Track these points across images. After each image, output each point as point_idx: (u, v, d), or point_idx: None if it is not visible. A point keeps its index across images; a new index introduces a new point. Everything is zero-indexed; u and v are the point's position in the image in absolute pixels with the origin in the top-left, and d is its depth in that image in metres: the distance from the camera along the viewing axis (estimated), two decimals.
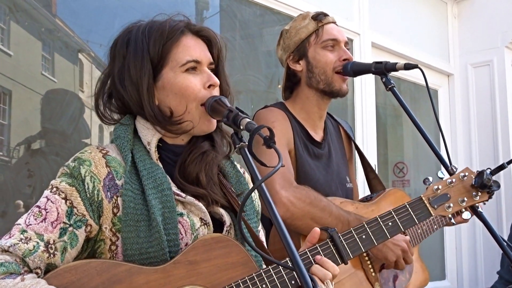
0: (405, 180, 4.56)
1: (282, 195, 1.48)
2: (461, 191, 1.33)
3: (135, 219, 1.08)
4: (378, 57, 3.66)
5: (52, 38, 2.32)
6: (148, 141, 1.17)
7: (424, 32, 4.26)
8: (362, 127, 3.52)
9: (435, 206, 1.32)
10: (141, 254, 1.07)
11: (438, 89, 4.46)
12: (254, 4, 3.01)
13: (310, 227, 1.49)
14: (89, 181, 1.09)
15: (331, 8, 3.38)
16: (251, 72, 2.99)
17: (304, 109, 1.77)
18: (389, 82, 1.71)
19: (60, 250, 1.06)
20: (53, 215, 1.06)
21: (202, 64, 1.20)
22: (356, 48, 3.56)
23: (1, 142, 2.12)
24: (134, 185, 1.11)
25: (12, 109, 2.14)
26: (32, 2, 2.26)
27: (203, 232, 1.14)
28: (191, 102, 1.17)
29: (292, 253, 0.90)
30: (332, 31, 1.76)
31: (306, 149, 1.73)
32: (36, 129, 2.17)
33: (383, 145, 4.28)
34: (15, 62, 2.17)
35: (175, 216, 1.11)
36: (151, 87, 1.17)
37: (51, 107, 2.20)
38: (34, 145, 2.15)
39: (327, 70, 1.72)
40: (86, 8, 2.43)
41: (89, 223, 1.09)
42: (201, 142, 1.22)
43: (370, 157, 3.53)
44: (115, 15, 2.54)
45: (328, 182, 1.73)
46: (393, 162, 4.57)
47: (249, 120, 1.01)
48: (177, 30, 1.19)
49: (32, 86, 2.20)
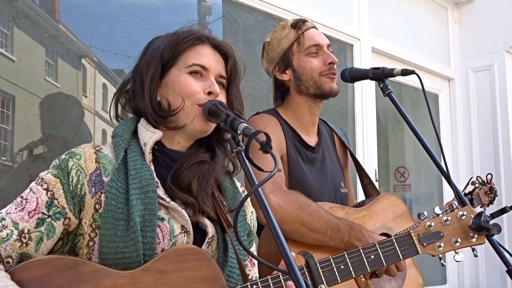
0: (406, 185, 4.56)
1: (271, 199, 1.48)
2: (456, 231, 1.24)
3: (114, 217, 1.08)
4: (379, 62, 3.68)
5: (55, 43, 2.34)
6: (145, 142, 1.18)
7: (424, 36, 4.28)
8: (363, 132, 3.53)
9: (424, 243, 1.25)
10: (116, 253, 1.06)
11: (439, 94, 4.48)
12: (255, 10, 3.04)
13: (298, 231, 1.52)
14: (74, 174, 1.09)
15: (331, 14, 3.41)
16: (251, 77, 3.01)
17: (296, 116, 1.78)
18: (386, 88, 1.72)
19: (35, 240, 1.05)
20: (32, 205, 1.07)
21: (209, 72, 1.22)
22: (357, 53, 3.58)
23: (4, 147, 2.14)
24: (119, 183, 1.11)
25: (15, 114, 2.15)
26: (36, 8, 2.28)
27: (181, 239, 1.13)
28: (187, 100, 1.18)
29: (287, 257, 0.91)
30: (313, 37, 1.76)
31: (299, 154, 1.73)
32: (39, 135, 2.18)
33: (384, 149, 4.29)
34: (19, 67, 2.18)
35: (154, 220, 1.10)
36: (155, 81, 1.19)
37: (52, 113, 2.21)
38: (36, 150, 2.17)
39: (314, 75, 1.72)
40: (88, 14, 2.45)
41: (68, 216, 1.08)
42: (202, 152, 1.23)
43: (370, 162, 3.54)
44: (117, 21, 2.56)
45: (322, 187, 1.73)
46: (394, 166, 4.58)
47: (246, 125, 1.01)
48: (194, 36, 1.22)
49: (35, 91, 2.21)
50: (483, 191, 2.11)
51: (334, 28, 3.41)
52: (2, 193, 2.03)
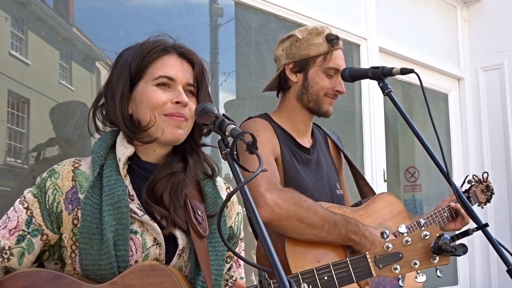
0: (416, 185, 4.55)
1: (267, 197, 1.50)
2: (418, 251, 1.19)
3: (90, 232, 1.15)
4: (386, 62, 3.69)
5: (69, 47, 2.39)
6: (119, 157, 1.22)
7: (433, 36, 4.27)
8: (370, 132, 3.53)
9: (380, 265, 1.20)
10: (93, 265, 1.14)
11: (448, 93, 4.47)
12: (263, 12, 3.05)
13: (296, 227, 1.53)
14: (50, 194, 1.17)
15: (338, 14, 3.43)
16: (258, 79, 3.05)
17: (290, 119, 1.80)
18: (386, 87, 1.74)
19: (18, 255, 1.15)
20: (13, 223, 1.16)
21: (176, 82, 1.24)
22: (363, 53, 3.58)
23: (19, 150, 2.19)
24: (94, 200, 1.17)
25: (30, 117, 2.20)
26: (49, 12, 2.33)
27: (154, 252, 1.18)
28: (153, 112, 1.21)
29: (272, 256, 0.92)
30: (338, 60, 1.79)
31: (294, 156, 1.75)
32: (67, 139, 2.21)
33: (393, 149, 4.29)
34: (33, 71, 2.23)
35: (127, 234, 1.16)
36: (125, 96, 1.23)
37: (57, 115, 2.24)
38: (44, 153, 2.20)
39: (320, 93, 1.76)
40: (102, 17, 2.49)
41: (45, 232, 1.17)
42: (176, 163, 1.26)
43: (379, 162, 3.55)
44: (131, 24, 2.59)
45: (318, 188, 1.75)
46: (404, 166, 4.57)
47: (234, 126, 1.04)
48: (159, 47, 1.25)
49: (49, 94, 2.25)
50: (480, 189, 2.13)
51: (340, 28, 3.43)
52: (12, 194, 2.08)
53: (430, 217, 1.94)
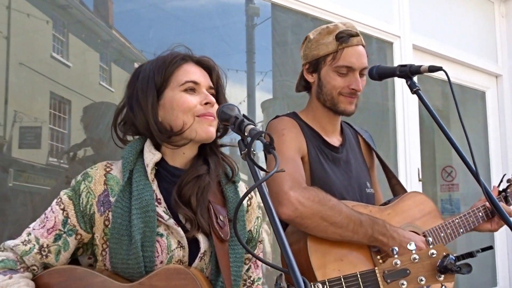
0: (453, 184, 4.47)
1: (291, 195, 1.50)
2: (425, 268, 1.24)
3: (120, 233, 1.23)
4: (420, 60, 3.64)
5: (108, 49, 2.47)
6: (147, 163, 1.30)
7: (469, 32, 4.18)
8: (404, 130, 3.49)
9: (388, 280, 1.25)
10: (122, 263, 1.22)
11: (486, 91, 4.36)
12: (297, 12, 3.07)
13: (320, 226, 1.52)
14: (84, 197, 1.26)
15: (371, 12, 3.41)
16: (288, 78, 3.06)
17: (316, 119, 1.80)
18: (414, 85, 1.71)
19: (55, 253, 1.25)
20: (50, 223, 1.26)
21: (200, 86, 1.33)
22: (397, 51, 3.55)
23: (61, 150, 2.28)
24: (124, 203, 1.25)
25: (71, 118, 2.29)
26: (90, 15, 2.42)
27: (178, 254, 1.26)
28: (186, 114, 1.29)
29: (287, 255, 0.96)
30: (350, 58, 1.72)
31: (322, 154, 1.73)
32: (92, 137, 2.29)
33: (429, 148, 4.22)
34: (74, 73, 2.32)
35: (154, 236, 1.24)
36: (155, 106, 1.31)
37: (89, 116, 2.31)
38: (80, 152, 2.28)
39: (333, 93, 1.73)
40: (140, 19, 2.56)
41: (79, 232, 1.26)
42: (200, 165, 1.33)
43: (413, 161, 3.50)
44: (168, 26, 2.65)
45: (345, 186, 1.73)
46: (441, 166, 4.49)
47: (252, 126, 1.07)
48: (178, 57, 1.34)
49: (90, 95, 2.33)
50: None
51: (373, 26, 3.41)
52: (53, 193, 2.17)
53: (464, 216, 1.88)
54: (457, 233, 1.83)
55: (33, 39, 2.24)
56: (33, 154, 2.20)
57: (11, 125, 2.11)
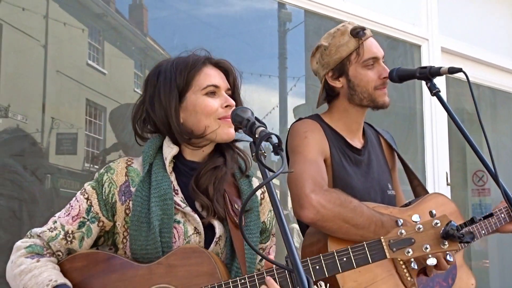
0: (484, 189, 4.38)
1: (312, 198, 1.52)
2: (430, 237, 1.29)
3: (139, 221, 1.32)
4: (449, 62, 3.59)
5: (143, 56, 2.54)
6: (166, 156, 1.39)
7: (499, 33, 4.10)
8: (432, 134, 3.45)
9: (393, 249, 1.31)
10: (141, 249, 1.30)
11: None
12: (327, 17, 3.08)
13: (341, 228, 1.54)
14: (106, 187, 1.36)
15: (399, 15, 3.40)
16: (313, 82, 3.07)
17: (341, 120, 1.80)
18: (434, 87, 1.72)
19: (79, 239, 1.33)
20: (75, 211, 1.35)
21: (220, 89, 1.40)
22: (425, 53, 3.51)
23: (97, 155, 2.36)
24: (143, 193, 1.34)
25: (106, 125, 2.37)
26: (124, 23, 2.49)
27: (194, 239, 1.34)
28: (208, 118, 1.37)
29: (292, 254, 1.01)
30: (372, 49, 1.76)
31: (344, 156, 1.75)
32: (124, 143, 2.37)
33: (459, 152, 4.15)
34: (109, 80, 2.40)
35: (171, 223, 1.32)
36: (178, 108, 1.38)
37: (115, 121, 2.39)
38: (109, 157, 2.35)
39: (369, 88, 1.74)
40: (175, 26, 2.61)
41: (102, 219, 1.35)
42: (217, 158, 1.42)
43: (441, 165, 3.46)
44: (201, 32, 2.70)
45: (367, 188, 1.74)
46: (472, 170, 4.41)
47: (263, 128, 1.12)
48: (199, 61, 1.41)
49: (125, 102, 2.40)
50: None
51: (400, 29, 3.39)
52: None
53: (485, 218, 1.88)
54: (479, 235, 1.82)
55: (70, 47, 2.33)
56: (69, 160, 2.28)
57: (48, 131, 2.21)
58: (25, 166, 2.15)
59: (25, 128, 2.17)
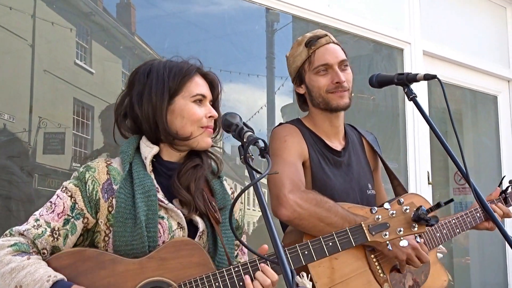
0: (466, 187, 4.47)
1: (290, 198, 1.61)
2: (401, 222, 1.45)
3: (124, 217, 1.34)
4: (431, 66, 3.68)
5: (130, 55, 2.55)
6: (145, 156, 1.44)
7: (480, 37, 4.20)
8: (414, 134, 3.52)
9: (373, 232, 1.45)
10: (126, 245, 1.32)
11: (497, 95, 4.37)
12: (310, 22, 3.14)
13: (317, 226, 1.62)
14: (90, 184, 1.38)
15: (381, 20, 3.47)
16: None
17: (317, 124, 1.89)
18: (410, 93, 1.81)
19: (63, 236, 1.34)
20: (60, 208, 1.35)
21: (206, 99, 1.49)
22: (407, 57, 3.58)
23: (84, 155, 2.35)
24: (127, 190, 1.37)
25: (94, 124, 2.37)
26: (112, 22, 2.49)
27: (178, 234, 1.39)
28: (193, 125, 1.45)
29: (277, 247, 1.09)
30: (323, 56, 1.83)
31: (323, 158, 1.82)
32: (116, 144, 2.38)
33: (441, 152, 4.22)
34: (97, 79, 2.40)
35: (156, 218, 1.36)
36: (165, 110, 1.44)
37: (106, 122, 2.39)
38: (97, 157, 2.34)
39: (321, 93, 1.83)
40: (162, 25, 2.62)
41: (86, 216, 1.36)
42: (194, 158, 1.50)
43: (422, 164, 3.54)
44: (189, 32, 2.73)
45: (346, 189, 1.81)
46: (454, 169, 4.48)
47: (250, 133, 1.21)
48: (193, 69, 1.49)
49: (113, 101, 2.39)
50: None
51: (383, 33, 3.46)
52: None
53: (461, 217, 1.94)
54: (454, 233, 1.90)
55: (57, 47, 2.33)
56: (57, 160, 2.28)
57: (36, 131, 2.20)
58: (15, 165, 2.14)
59: (12, 127, 2.16)
